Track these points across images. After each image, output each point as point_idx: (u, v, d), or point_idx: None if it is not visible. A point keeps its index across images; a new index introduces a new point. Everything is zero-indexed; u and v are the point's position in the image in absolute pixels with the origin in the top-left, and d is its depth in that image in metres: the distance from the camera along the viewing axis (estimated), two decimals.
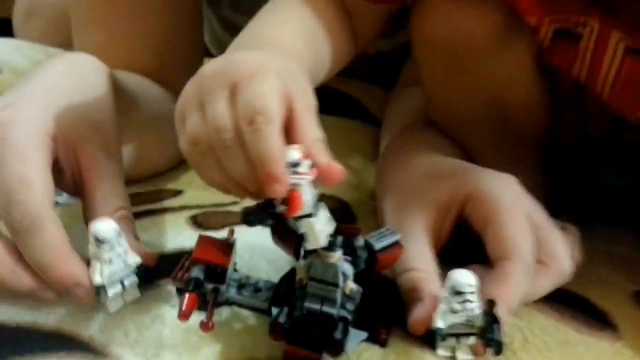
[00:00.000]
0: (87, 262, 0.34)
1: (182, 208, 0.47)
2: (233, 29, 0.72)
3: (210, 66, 0.32)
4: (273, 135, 0.29)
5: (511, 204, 0.38)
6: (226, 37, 0.74)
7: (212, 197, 0.47)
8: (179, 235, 0.44)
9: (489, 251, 0.37)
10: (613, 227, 0.52)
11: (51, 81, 0.39)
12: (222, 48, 0.76)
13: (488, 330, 0.33)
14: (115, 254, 0.34)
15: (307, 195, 0.30)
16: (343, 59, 0.47)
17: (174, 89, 0.56)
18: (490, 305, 0.33)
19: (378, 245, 0.35)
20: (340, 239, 0.34)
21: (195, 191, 0.50)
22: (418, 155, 0.45)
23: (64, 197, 0.41)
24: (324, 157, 0.31)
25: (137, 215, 0.43)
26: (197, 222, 0.45)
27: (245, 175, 0.30)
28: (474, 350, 0.34)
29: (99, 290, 0.34)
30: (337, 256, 0.33)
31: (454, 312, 0.33)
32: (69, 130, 0.37)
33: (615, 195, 0.53)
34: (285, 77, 0.31)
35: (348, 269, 0.34)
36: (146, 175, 0.51)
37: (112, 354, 0.33)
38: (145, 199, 0.48)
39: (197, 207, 0.48)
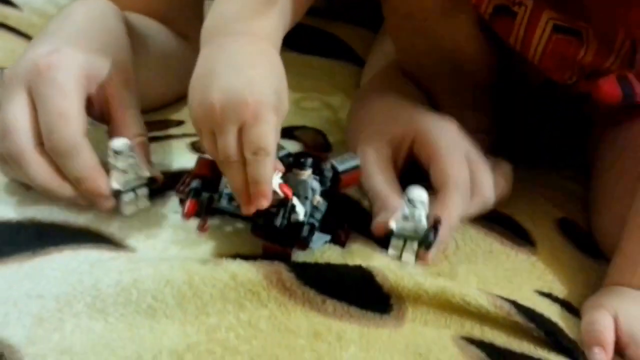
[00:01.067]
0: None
1: (184, 135, 0.56)
2: None
3: (218, 97, 0.37)
4: (269, 165, 0.38)
5: (450, 144, 0.47)
6: None
7: None
8: (181, 157, 0.52)
9: (433, 181, 0.46)
10: (552, 161, 0.61)
11: (80, 27, 0.47)
12: None
13: (427, 237, 0.42)
14: (129, 165, 0.43)
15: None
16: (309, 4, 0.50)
17: (177, 29, 0.64)
18: (435, 222, 0.42)
19: (341, 167, 0.44)
20: (310, 161, 0.42)
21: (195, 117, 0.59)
22: (383, 99, 0.53)
23: None
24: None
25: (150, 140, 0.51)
26: (195, 147, 0.53)
27: (240, 186, 0.38)
28: (416, 255, 0.43)
29: (117, 195, 0.43)
30: (307, 174, 0.42)
31: (405, 218, 0.42)
32: (99, 71, 0.46)
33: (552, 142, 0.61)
34: (275, 96, 0.38)
35: (316, 185, 0.42)
36: (153, 107, 0.58)
37: (129, 246, 0.43)
38: (152, 127, 0.56)
39: (196, 135, 0.56)
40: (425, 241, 0.42)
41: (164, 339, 0.37)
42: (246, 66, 0.39)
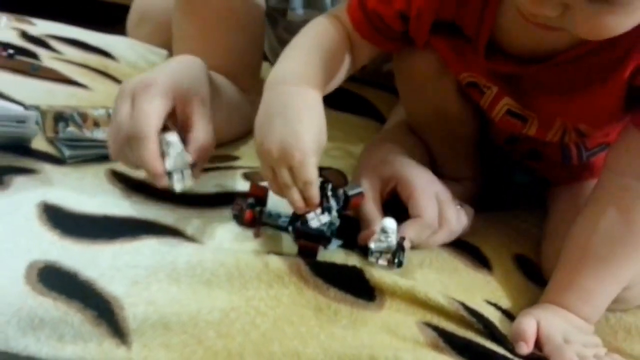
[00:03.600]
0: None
1: (239, 167, 0.74)
2: (285, 44, 0.98)
3: (274, 146, 0.54)
4: (314, 189, 0.55)
5: (423, 187, 0.64)
6: (280, 50, 0.99)
7: (257, 163, 0.74)
8: (235, 183, 0.70)
9: (410, 212, 0.63)
10: (522, 209, 0.77)
11: (175, 68, 0.66)
12: (276, 55, 1.02)
13: (397, 254, 0.59)
14: (177, 152, 0.59)
15: None
16: (346, 77, 0.67)
17: (239, 84, 0.82)
18: (402, 239, 0.59)
19: (350, 192, 0.62)
20: (330, 186, 0.60)
21: (248, 158, 0.77)
22: (383, 146, 0.71)
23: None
24: None
25: (211, 169, 0.70)
26: (247, 176, 0.72)
27: (295, 201, 0.56)
28: (387, 263, 0.60)
29: (170, 175, 0.59)
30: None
31: (380, 241, 0.59)
32: (184, 93, 0.63)
33: (522, 188, 0.78)
34: (316, 144, 0.55)
35: (334, 205, 0.60)
36: (219, 143, 0.72)
37: (198, 239, 0.61)
38: (217, 159, 0.74)
39: (248, 167, 0.74)
40: (395, 256, 0.59)
41: (216, 301, 0.54)
42: (295, 120, 0.55)
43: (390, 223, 0.59)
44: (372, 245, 0.59)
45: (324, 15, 0.67)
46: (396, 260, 0.59)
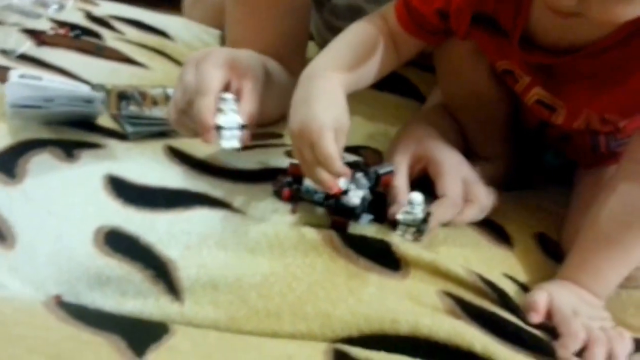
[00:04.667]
0: None
1: (282, 145, 0.81)
2: (331, 27, 1.02)
3: (296, 126, 0.60)
4: (335, 162, 0.59)
5: (450, 168, 0.69)
6: (326, 32, 1.04)
7: None
8: (278, 160, 0.77)
9: (437, 191, 0.68)
10: (549, 190, 0.81)
11: (231, 49, 0.73)
12: (322, 37, 1.07)
13: (421, 226, 0.64)
14: (230, 110, 0.65)
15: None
16: (388, 70, 0.73)
17: (289, 66, 0.88)
18: (428, 214, 0.65)
19: (381, 171, 0.67)
20: (361, 167, 0.66)
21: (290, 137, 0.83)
22: (418, 125, 0.76)
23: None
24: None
25: (256, 146, 0.76)
26: (289, 154, 0.78)
27: (321, 179, 0.60)
28: (413, 237, 0.65)
29: (219, 129, 0.64)
30: (359, 175, 0.65)
31: (408, 213, 0.64)
32: (240, 67, 0.70)
33: (553, 169, 0.81)
34: (333, 120, 0.60)
35: (365, 182, 0.66)
36: (264, 123, 0.82)
37: (243, 211, 0.67)
38: (262, 137, 0.81)
39: (290, 145, 0.80)
40: (419, 228, 0.64)
41: (259, 267, 0.61)
42: (314, 102, 0.61)
43: (417, 196, 0.64)
44: (399, 216, 0.65)
45: (370, 15, 0.72)
46: (419, 230, 0.65)
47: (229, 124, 0.65)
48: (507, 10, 0.63)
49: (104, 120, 0.79)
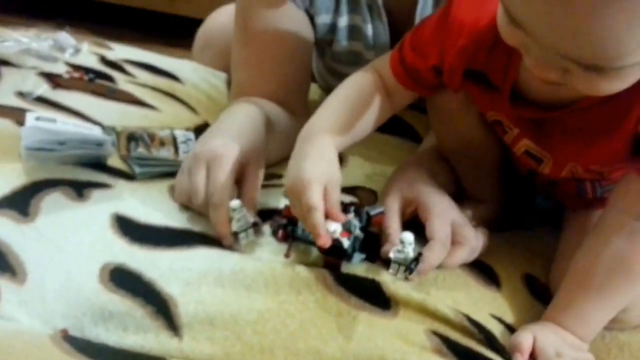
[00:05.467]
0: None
1: (281, 185, 0.84)
2: (332, 72, 1.06)
3: (289, 183, 0.65)
4: (317, 215, 0.62)
5: (439, 212, 0.72)
6: (327, 76, 1.08)
7: None
8: (277, 200, 0.80)
9: (426, 233, 0.71)
10: (539, 231, 0.84)
11: (241, 128, 0.78)
12: (324, 80, 1.12)
13: (412, 265, 0.67)
14: (242, 216, 0.70)
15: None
16: (382, 121, 0.75)
17: (291, 109, 0.93)
18: (419, 254, 0.68)
19: (372, 212, 0.71)
20: (352, 208, 0.69)
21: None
22: (410, 169, 0.80)
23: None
24: None
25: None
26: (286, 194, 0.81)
27: (310, 229, 0.64)
28: (404, 276, 0.68)
29: (235, 235, 0.70)
30: (351, 216, 0.68)
31: (399, 252, 0.67)
32: (247, 159, 0.74)
33: (544, 212, 0.84)
34: (322, 175, 0.64)
35: (356, 222, 0.69)
36: (272, 164, 0.84)
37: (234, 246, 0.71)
38: (265, 177, 0.84)
39: None
40: (410, 267, 0.67)
41: (254, 303, 0.64)
42: (305, 159, 0.66)
43: (408, 236, 0.67)
44: (392, 255, 0.68)
45: (364, 68, 0.76)
46: (410, 269, 0.67)
47: (243, 227, 0.70)
48: (497, 68, 0.66)
49: (114, 161, 0.84)
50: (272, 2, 0.90)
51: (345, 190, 0.81)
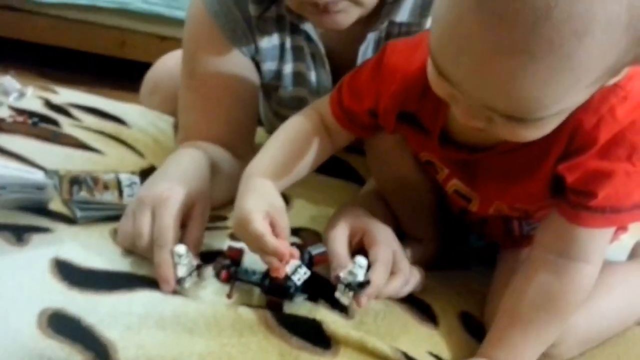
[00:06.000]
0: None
1: (226, 227, 0.85)
2: (278, 115, 1.09)
3: (234, 221, 0.68)
4: (270, 240, 0.65)
5: (384, 240, 0.74)
6: (274, 119, 1.10)
7: None
8: (221, 242, 0.81)
9: (370, 258, 0.72)
10: (474, 270, 0.87)
11: (186, 173, 0.79)
12: (270, 123, 1.14)
13: (359, 290, 0.68)
14: (187, 260, 0.70)
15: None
16: (323, 159, 0.80)
17: (237, 152, 0.94)
18: (367, 281, 0.69)
19: (314, 252, 0.72)
20: (295, 248, 0.70)
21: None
22: (354, 205, 0.82)
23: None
24: None
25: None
26: (232, 236, 0.83)
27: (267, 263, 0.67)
28: (354, 298, 0.69)
29: (180, 280, 0.70)
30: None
31: (350, 273, 0.69)
32: (192, 203, 0.75)
33: (478, 250, 0.88)
34: (265, 209, 0.67)
35: (299, 263, 0.70)
36: (217, 207, 0.85)
37: (176, 289, 0.71)
38: (210, 220, 0.85)
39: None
40: (356, 291, 0.69)
41: (195, 346, 0.65)
42: (245, 199, 0.68)
43: (362, 260, 0.70)
44: (342, 274, 0.70)
45: (305, 109, 0.80)
46: (356, 292, 0.69)
47: (187, 272, 0.71)
48: (427, 112, 0.70)
49: (56, 205, 0.83)
50: (218, 48, 0.93)
51: (290, 231, 0.82)
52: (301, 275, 0.70)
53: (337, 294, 0.70)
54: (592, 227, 0.65)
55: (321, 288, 0.73)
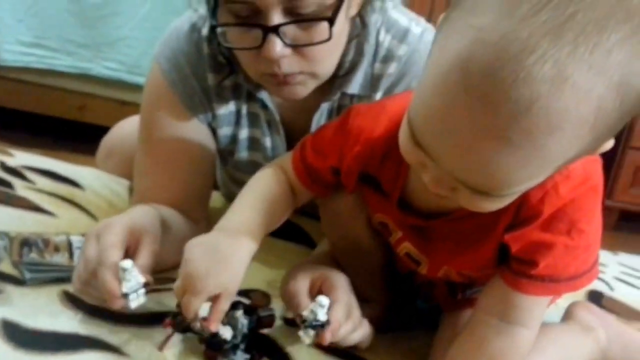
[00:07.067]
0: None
1: None
2: (234, 179, 1.11)
3: (189, 270, 0.69)
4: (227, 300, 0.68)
5: (343, 286, 0.77)
6: (230, 184, 1.13)
7: None
8: (171, 303, 0.82)
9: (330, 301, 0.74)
10: (419, 331, 0.89)
11: (134, 215, 0.79)
12: (227, 187, 1.16)
13: (320, 329, 0.70)
14: (132, 276, 0.70)
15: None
16: (288, 214, 0.81)
17: (191, 216, 0.96)
18: (328, 322, 0.71)
19: (262, 313, 0.74)
20: (241, 306, 0.72)
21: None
22: (309, 263, 0.85)
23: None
24: None
25: (153, 290, 0.81)
26: None
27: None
28: (317, 336, 0.71)
29: (125, 295, 0.70)
30: (238, 313, 0.71)
31: (312, 312, 0.71)
32: (138, 229, 0.76)
33: (423, 312, 0.90)
34: (221, 289, 0.69)
35: (244, 321, 0.72)
36: (163, 269, 0.85)
37: (129, 354, 0.71)
38: (158, 282, 0.85)
39: None
40: (317, 331, 0.71)
41: None
42: (213, 258, 0.69)
43: (324, 300, 0.72)
44: (305, 313, 0.71)
45: (270, 165, 0.83)
46: (317, 332, 0.71)
47: (133, 288, 0.71)
48: (388, 175, 0.73)
49: (5, 267, 0.83)
50: (175, 115, 0.95)
51: (240, 293, 0.84)
52: (241, 332, 0.71)
53: (300, 333, 0.72)
54: (532, 294, 0.68)
55: (266, 349, 0.74)
